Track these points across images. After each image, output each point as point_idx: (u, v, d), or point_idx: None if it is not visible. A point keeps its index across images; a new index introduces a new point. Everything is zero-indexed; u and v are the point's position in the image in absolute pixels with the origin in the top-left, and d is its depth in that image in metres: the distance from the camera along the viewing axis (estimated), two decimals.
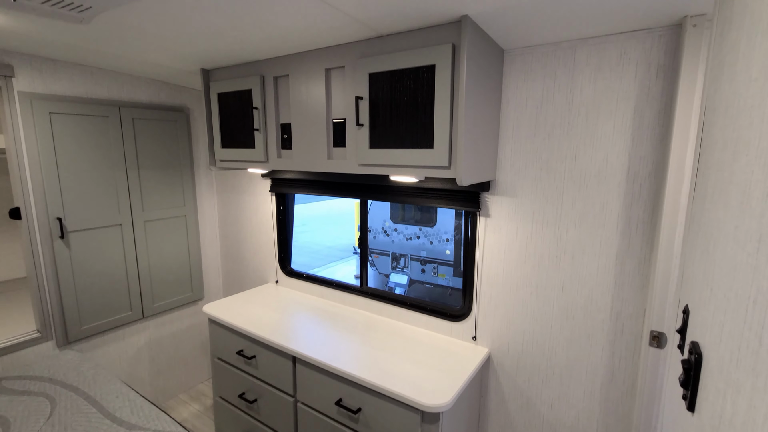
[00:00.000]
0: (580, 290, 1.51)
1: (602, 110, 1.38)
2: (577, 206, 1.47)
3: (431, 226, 6.26)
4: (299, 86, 1.70)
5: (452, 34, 1.27)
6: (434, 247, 6.25)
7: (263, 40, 1.54)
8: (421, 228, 6.36)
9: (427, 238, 6.32)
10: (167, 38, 1.55)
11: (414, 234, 6.45)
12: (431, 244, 6.27)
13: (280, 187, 2.41)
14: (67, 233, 2.08)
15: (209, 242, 2.86)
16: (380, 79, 1.43)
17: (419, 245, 6.44)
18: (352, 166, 1.60)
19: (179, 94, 2.54)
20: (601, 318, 1.48)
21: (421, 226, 6.39)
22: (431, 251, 6.29)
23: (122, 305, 2.36)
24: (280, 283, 2.57)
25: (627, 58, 1.32)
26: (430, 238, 6.28)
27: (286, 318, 2.06)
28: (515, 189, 1.60)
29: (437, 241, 6.23)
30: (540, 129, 1.51)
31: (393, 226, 6.72)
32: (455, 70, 1.28)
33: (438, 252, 6.21)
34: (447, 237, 6.08)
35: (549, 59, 1.46)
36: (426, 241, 6.33)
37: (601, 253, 1.45)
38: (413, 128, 1.39)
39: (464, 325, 1.82)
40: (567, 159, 1.47)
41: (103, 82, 2.18)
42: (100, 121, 2.16)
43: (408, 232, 6.53)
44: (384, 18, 1.27)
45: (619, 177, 1.38)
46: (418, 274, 6.46)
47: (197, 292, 2.77)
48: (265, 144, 1.87)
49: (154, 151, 2.41)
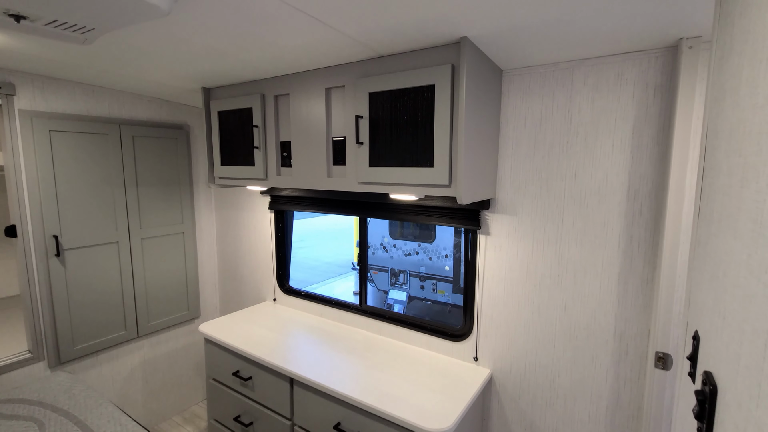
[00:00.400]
0: (583, 310, 1.49)
1: (601, 129, 1.39)
2: (577, 225, 1.46)
3: (430, 242, 6.24)
4: (299, 105, 1.71)
5: (451, 55, 1.29)
6: (433, 263, 6.21)
7: (264, 60, 1.56)
8: (420, 244, 6.34)
9: (426, 254, 6.29)
10: (169, 59, 1.57)
11: (413, 250, 6.42)
12: (430, 260, 6.24)
13: (279, 204, 2.40)
14: (63, 251, 2.06)
15: (207, 259, 2.83)
16: (380, 98, 1.44)
17: (418, 261, 6.40)
18: (352, 184, 1.60)
19: (180, 111, 2.56)
20: (604, 338, 1.45)
21: (420, 242, 6.37)
22: (430, 267, 6.26)
23: (117, 324, 2.32)
24: (278, 301, 2.53)
25: (624, 78, 1.33)
26: (429, 254, 6.25)
27: (283, 337, 2.02)
28: (515, 207, 1.59)
29: (436, 257, 6.20)
30: (539, 147, 1.52)
31: (392, 242, 6.69)
32: (455, 90, 1.29)
33: (437, 268, 6.17)
34: (446, 253, 6.05)
35: (547, 79, 1.47)
36: (425, 257, 6.30)
37: (603, 272, 1.43)
38: (413, 147, 1.39)
39: (465, 345, 1.79)
40: (567, 177, 1.47)
41: (104, 100, 2.19)
42: (100, 139, 2.17)
43: (407, 248, 6.51)
44: (385, 40, 1.29)
45: (619, 196, 1.38)
46: (418, 291, 6.41)
47: (193, 311, 2.73)
48: (264, 162, 1.87)
49: (153, 168, 2.41)
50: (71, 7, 0.96)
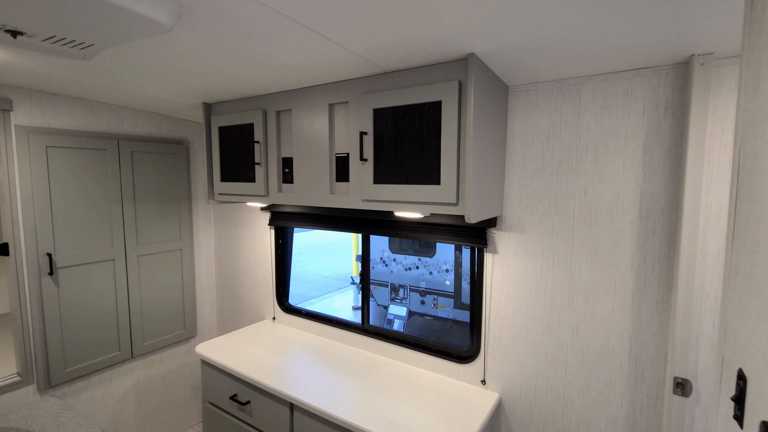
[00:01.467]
0: (596, 332, 1.43)
1: (611, 147, 1.36)
2: (588, 244, 1.42)
3: (431, 257, 6.18)
4: (302, 121, 1.68)
5: (459, 71, 1.26)
6: (434, 277, 6.14)
7: (267, 76, 1.53)
8: (420, 258, 6.28)
9: (426, 268, 6.22)
10: (170, 75, 1.55)
11: (413, 264, 6.35)
12: (431, 274, 6.17)
13: (280, 221, 2.35)
14: (57, 269, 2.00)
15: (204, 277, 2.77)
16: (385, 114, 1.42)
17: (418, 276, 6.33)
18: (355, 201, 1.56)
19: (180, 127, 2.53)
20: (619, 362, 1.40)
21: (421, 257, 6.31)
22: (431, 282, 6.18)
23: (110, 345, 2.24)
24: (277, 319, 2.47)
25: (634, 95, 1.31)
26: (429, 268, 6.18)
27: (283, 359, 1.95)
28: (523, 225, 1.55)
29: (437, 271, 6.13)
30: (547, 165, 1.48)
31: (392, 256, 6.63)
32: (462, 106, 1.27)
33: (438, 283, 6.10)
34: (447, 267, 5.99)
35: (554, 96, 1.45)
36: (425, 272, 6.23)
37: (616, 292, 1.39)
38: (419, 164, 1.36)
39: (472, 368, 1.72)
40: (576, 195, 1.43)
41: (103, 115, 2.16)
42: (98, 155, 2.13)
43: (407, 263, 6.44)
44: (390, 56, 1.26)
45: (631, 214, 1.34)
46: (418, 306, 6.32)
47: (190, 330, 2.65)
48: (265, 178, 1.83)
49: (151, 184, 2.37)
50: (70, 23, 0.93)
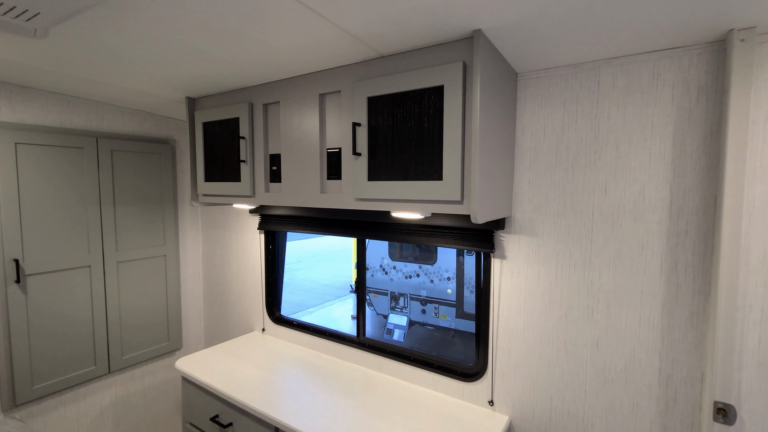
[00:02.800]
0: (620, 348, 1.26)
1: (635, 138, 1.21)
2: (610, 247, 1.26)
3: (431, 264, 6.01)
4: (290, 113, 1.54)
5: (463, 51, 1.12)
6: (435, 285, 5.96)
7: (252, 62, 1.39)
8: (420, 266, 6.10)
9: (427, 276, 6.05)
10: (143, 61, 1.40)
11: (413, 272, 6.18)
12: (432, 282, 5.99)
13: (270, 225, 2.20)
14: (25, 276, 1.84)
15: (191, 285, 2.60)
16: (380, 103, 1.27)
17: (419, 284, 6.15)
18: (348, 200, 1.40)
19: (165, 125, 2.39)
20: (647, 383, 1.23)
21: (421, 264, 6.14)
22: (432, 290, 6.00)
23: (85, 359, 2.07)
24: (267, 331, 2.30)
25: (661, 79, 1.16)
26: (430, 276, 6.01)
27: (271, 376, 1.78)
28: (535, 227, 1.40)
29: (438, 279, 5.95)
30: (561, 159, 1.33)
31: (391, 264, 6.46)
32: (467, 91, 1.12)
33: (439, 291, 5.92)
34: (448, 275, 5.81)
35: (569, 82, 1.30)
36: (426, 280, 6.05)
37: (643, 302, 1.22)
38: (419, 158, 1.21)
39: (479, 387, 1.55)
40: (595, 192, 1.28)
41: (81, 111, 2.02)
42: (75, 153, 1.98)
43: (407, 270, 6.26)
44: (386, 35, 1.12)
45: (659, 213, 1.18)
46: (419, 315, 6.13)
47: (174, 342, 2.48)
48: (251, 177, 1.68)
49: (133, 185, 2.22)
50: None
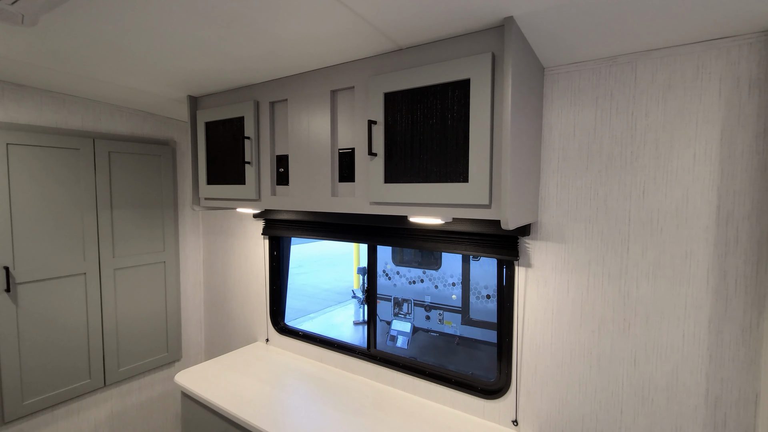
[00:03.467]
0: (660, 365, 1.16)
1: (677, 136, 1.11)
2: (649, 255, 1.16)
3: (436, 269, 5.90)
4: (299, 112, 1.44)
5: (491, 41, 1.02)
6: (439, 291, 5.85)
7: (259, 56, 1.29)
8: (425, 271, 5.99)
9: (431, 281, 5.94)
10: (142, 55, 1.31)
11: (417, 277, 6.07)
12: (436, 288, 5.88)
13: (275, 230, 2.09)
14: (15, 285, 1.73)
15: (191, 293, 2.50)
16: (398, 99, 1.17)
17: (423, 289, 6.04)
18: (362, 205, 1.30)
19: (166, 126, 2.30)
20: (692, 404, 1.12)
21: (425, 269, 6.02)
22: (436, 296, 5.89)
23: (79, 372, 1.96)
24: (271, 341, 2.19)
25: (706, 72, 1.07)
26: (434, 281, 5.90)
27: (277, 391, 1.67)
28: (563, 233, 1.29)
29: (443, 285, 5.84)
30: (594, 160, 1.23)
31: (395, 269, 6.35)
32: (496, 85, 1.02)
33: (443, 297, 5.80)
34: (453, 281, 5.70)
35: (602, 77, 1.21)
36: (431, 285, 5.94)
37: (687, 316, 1.12)
38: (441, 158, 1.11)
39: (501, 405, 1.44)
40: (632, 196, 1.18)
41: (77, 111, 1.92)
42: (70, 155, 1.88)
43: (411, 275, 6.15)
44: (407, 24, 1.02)
45: (705, 219, 1.08)
46: (423, 321, 6.01)
47: (174, 353, 2.36)
48: (257, 179, 1.58)
49: (131, 188, 2.12)
50: None
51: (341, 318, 7.81)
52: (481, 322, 5.44)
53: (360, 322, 7.49)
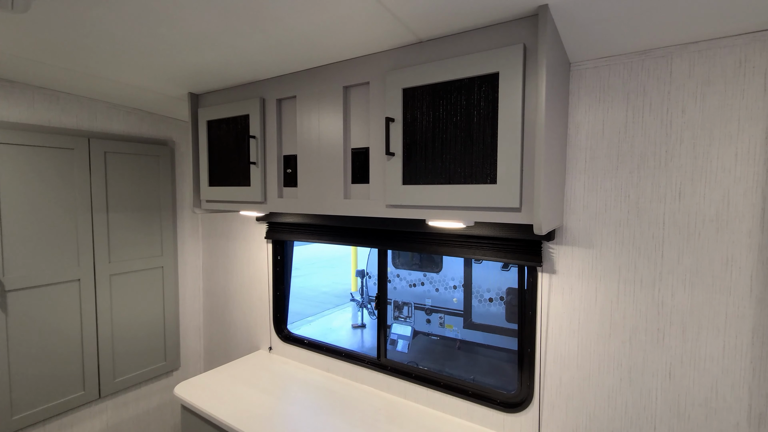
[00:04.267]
0: (698, 379, 1.09)
1: (716, 134, 1.04)
2: (685, 261, 1.09)
3: (437, 272, 5.83)
4: (309, 109, 1.36)
5: (523, 32, 0.95)
6: (440, 294, 5.78)
7: (265, 50, 1.21)
8: (425, 274, 5.92)
9: (432, 284, 5.86)
10: (140, 48, 1.22)
11: (418, 280, 5.99)
12: (437, 291, 5.81)
13: (279, 233, 2.01)
14: (5, 293, 1.63)
15: (190, 299, 2.40)
16: (418, 95, 1.10)
17: (423, 292, 5.96)
18: (378, 207, 1.22)
19: (165, 125, 2.21)
20: (733, 421, 1.05)
21: (426, 272, 5.95)
22: (437, 299, 5.81)
23: (73, 383, 1.86)
24: (274, 350, 2.10)
25: (749, 66, 1.00)
26: (435, 284, 5.82)
27: (282, 404, 1.58)
28: (591, 237, 1.22)
29: (443, 288, 5.77)
30: (624, 160, 1.16)
31: (395, 272, 6.26)
32: (527, 79, 0.95)
33: (444, 300, 5.73)
34: (454, 284, 5.62)
35: (634, 72, 1.14)
36: (431, 288, 5.86)
37: (728, 327, 1.05)
38: (466, 158, 1.03)
39: (523, 419, 1.36)
40: (667, 198, 1.11)
41: (72, 108, 1.83)
42: (64, 155, 1.79)
43: (411, 278, 6.08)
44: (433, 14, 0.95)
45: (748, 223, 1.01)
46: (423, 325, 5.93)
47: (172, 362, 2.27)
48: (263, 181, 1.50)
49: (128, 190, 2.03)
50: None
51: (339, 321, 7.72)
52: (484, 326, 5.37)
53: (358, 325, 7.39)
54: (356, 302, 7.58)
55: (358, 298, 7.36)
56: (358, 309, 7.61)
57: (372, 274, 6.47)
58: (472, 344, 5.60)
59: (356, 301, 7.58)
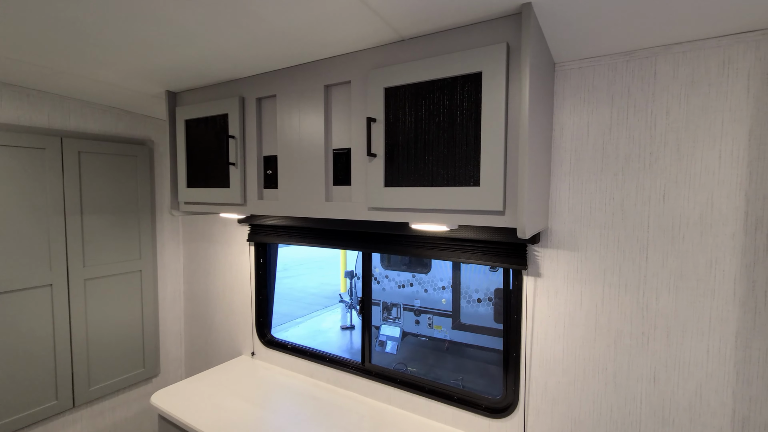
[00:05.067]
0: (682, 383, 1.08)
1: (700, 136, 1.03)
2: (670, 264, 1.08)
3: (425, 273, 5.82)
4: (289, 109, 1.32)
5: (506, 31, 0.93)
6: (429, 295, 5.77)
7: (245, 47, 1.17)
8: (414, 275, 5.90)
9: (421, 285, 5.84)
10: (115, 44, 1.17)
11: (407, 281, 5.97)
12: (426, 292, 5.79)
13: (262, 236, 1.96)
14: None
15: (170, 303, 2.33)
16: (401, 95, 1.07)
17: (412, 293, 5.94)
18: (359, 210, 1.19)
19: (143, 124, 2.14)
20: (716, 425, 1.04)
21: (415, 273, 5.93)
22: (426, 300, 5.80)
23: (45, 393, 1.78)
24: (257, 355, 2.05)
25: (733, 67, 0.99)
26: (424, 285, 5.81)
27: (264, 412, 1.53)
28: (576, 240, 1.21)
29: (432, 289, 5.76)
30: (609, 162, 1.15)
31: (384, 273, 6.24)
32: (510, 79, 0.92)
33: (433, 301, 5.72)
34: (443, 284, 5.62)
35: (618, 73, 1.13)
36: (420, 289, 5.85)
37: (712, 331, 1.04)
38: (449, 160, 1.00)
39: (508, 424, 1.34)
40: (651, 201, 1.10)
41: (43, 106, 1.75)
42: (34, 155, 1.71)
43: (400, 279, 6.05)
44: (415, 11, 0.92)
45: (732, 225, 1.01)
46: (412, 326, 5.91)
47: (151, 369, 2.20)
48: (242, 182, 1.45)
49: (104, 191, 1.95)
50: None
51: (328, 323, 7.66)
52: (473, 327, 5.37)
53: (347, 326, 7.35)
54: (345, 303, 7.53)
55: (347, 299, 7.32)
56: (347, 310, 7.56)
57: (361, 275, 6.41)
58: (460, 345, 5.60)
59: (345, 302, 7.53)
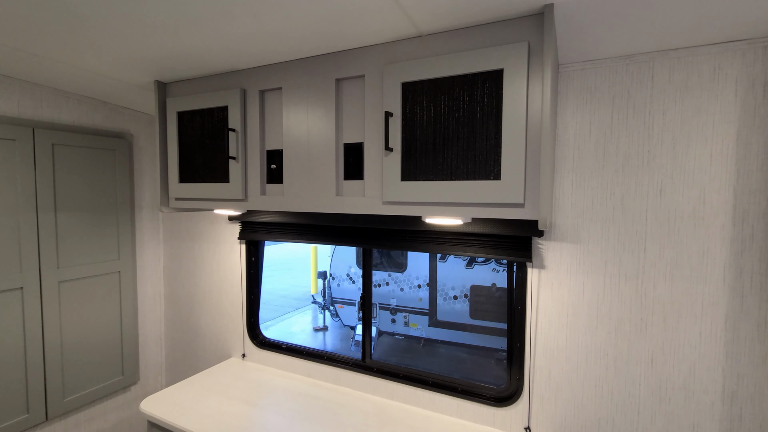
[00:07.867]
0: (678, 364, 1.16)
1: (694, 136, 1.12)
2: (666, 255, 1.16)
3: (401, 272, 5.86)
4: (296, 102, 1.29)
5: (528, 30, 0.96)
6: (405, 294, 5.82)
7: (252, 36, 1.14)
8: (390, 274, 5.93)
9: (397, 284, 5.88)
10: (106, 25, 1.09)
11: (383, 280, 5.99)
12: (402, 291, 5.84)
13: (255, 233, 1.90)
14: None
15: (150, 307, 2.21)
16: (419, 90, 1.08)
17: (388, 292, 5.97)
18: (373, 204, 1.19)
19: (121, 116, 2.01)
20: (709, 401, 1.13)
21: (390, 272, 5.96)
22: (402, 299, 5.85)
23: (15, 406, 1.63)
24: (248, 357, 1.98)
25: (723, 73, 1.09)
26: (400, 284, 5.85)
27: (265, 414, 1.49)
28: (579, 233, 1.27)
29: (408, 287, 5.81)
30: (610, 160, 1.22)
31: (359, 272, 6.21)
32: (531, 77, 0.96)
33: (409, 299, 5.77)
34: (419, 283, 5.69)
35: (619, 76, 1.20)
36: (396, 288, 5.88)
37: (704, 315, 1.13)
38: (469, 154, 1.03)
39: (513, 412, 1.39)
40: (649, 196, 1.18)
41: (12, 94, 1.61)
42: (3, 146, 1.57)
43: (376, 279, 6.06)
44: (441, 9, 0.93)
45: (722, 218, 1.10)
46: (388, 325, 5.94)
47: (130, 376, 2.07)
48: (243, 177, 1.41)
49: (80, 187, 1.82)
50: None
51: (300, 325, 7.52)
52: (449, 323, 5.48)
53: (320, 328, 7.26)
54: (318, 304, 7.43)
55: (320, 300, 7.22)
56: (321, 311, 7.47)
57: (335, 275, 6.36)
58: (435, 342, 5.70)
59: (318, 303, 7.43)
